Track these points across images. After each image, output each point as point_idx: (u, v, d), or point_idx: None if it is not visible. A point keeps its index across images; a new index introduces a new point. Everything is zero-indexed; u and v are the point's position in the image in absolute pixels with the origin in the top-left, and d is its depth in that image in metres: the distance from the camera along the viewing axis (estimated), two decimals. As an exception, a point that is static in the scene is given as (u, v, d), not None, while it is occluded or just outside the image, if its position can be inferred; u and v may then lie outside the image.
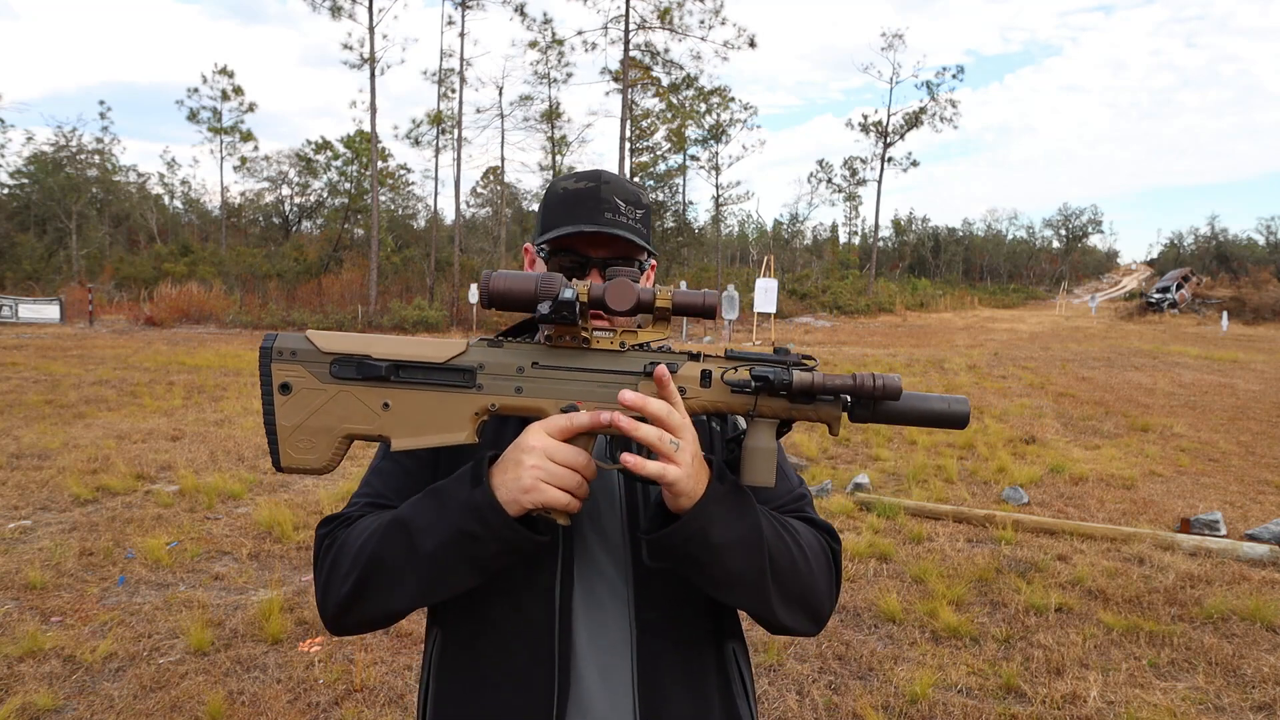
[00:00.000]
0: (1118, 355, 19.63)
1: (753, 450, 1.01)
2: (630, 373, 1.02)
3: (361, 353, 1.02)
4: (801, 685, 3.59)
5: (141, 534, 5.36)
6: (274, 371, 1.01)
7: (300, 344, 1.02)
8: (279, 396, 1.01)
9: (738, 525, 1.01)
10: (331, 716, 3.32)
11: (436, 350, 1.03)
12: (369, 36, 28.69)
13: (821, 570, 1.13)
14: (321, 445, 1.02)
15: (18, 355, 15.42)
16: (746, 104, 45.55)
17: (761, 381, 0.99)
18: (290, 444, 1.02)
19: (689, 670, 1.17)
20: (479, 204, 52.16)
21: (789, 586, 1.08)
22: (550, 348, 1.03)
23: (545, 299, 0.97)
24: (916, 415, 1.01)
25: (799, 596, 1.10)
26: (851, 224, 77.93)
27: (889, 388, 0.97)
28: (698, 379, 1.03)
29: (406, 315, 26.07)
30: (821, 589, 1.13)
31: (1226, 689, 3.60)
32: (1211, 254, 63.39)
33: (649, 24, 30.62)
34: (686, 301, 1.01)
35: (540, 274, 0.99)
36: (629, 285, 0.99)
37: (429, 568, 1.02)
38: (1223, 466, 8.00)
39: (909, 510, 6.15)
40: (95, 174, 42.60)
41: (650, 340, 1.05)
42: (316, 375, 1.02)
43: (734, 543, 1.00)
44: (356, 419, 1.02)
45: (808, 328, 30.08)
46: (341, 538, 1.12)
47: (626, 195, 1.24)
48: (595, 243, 1.22)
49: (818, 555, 1.13)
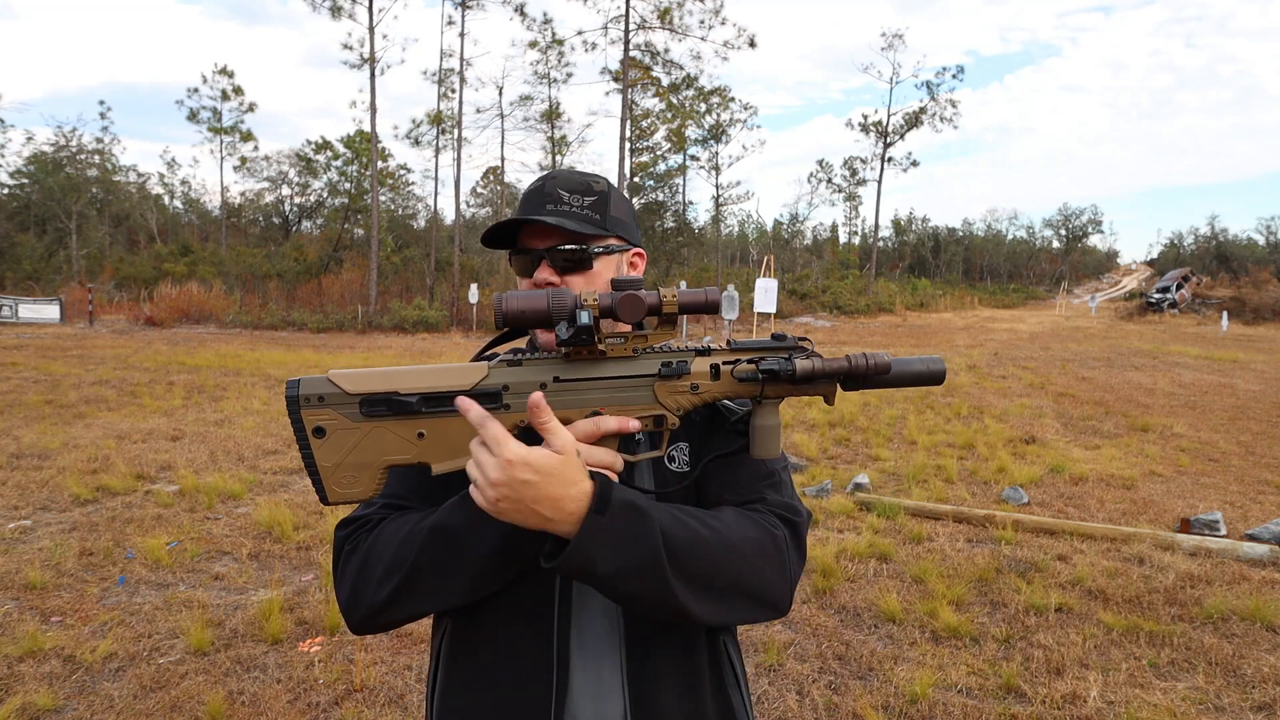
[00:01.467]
0: (1118, 355, 19.63)
1: (761, 428, 1.10)
2: (645, 375, 1.09)
3: (388, 390, 1.04)
4: (801, 685, 3.59)
5: (141, 534, 5.36)
6: (305, 418, 1.04)
7: (326, 388, 1.04)
8: (314, 440, 1.05)
9: (625, 552, 1.00)
10: (331, 716, 3.32)
11: (461, 378, 1.06)
12: (369, 36, 28.71)
13: (760, 556, 1.11)
14: (364, 478, 1.06)
15: (18, 355, 15.42)
16: (746, 104, 45.60)
17: (768, 374, 1.07)
18: (334, 480, 1.06)
19: (681, 661, 1.20)
20: (479, 204, 52.18)
21: (714, 586, 1.07)
22: (568, 361, 1.08)
23: (559, 316, 1.02)
24: (901, 378, 1.11)
25: (732, 590, 1.09)
26: (851, 224, 77.98)
27: (879, 365, 1.07)
28: (708, 373, 1.10)
29: (406, 315, 26.05)
30: (765, 575, 1.11)
31: (1226, 689, 3.59)
32: (1211, 254, 63.41)
33: (649, 24, 30.64)
34: (691, 300, 1.07)
35: (550, 291, 1.03)
36: (638, 299, 1.04)
37: (477, 571, 1.08)
38: (1223, 466, 8.00)
39: (909, 510, 6.15)
40: (95, 174, 42.61)
41: (659, 343, 1.11)
42: (348, 416, 1.05)
43: (623, 570, 1.00)
44: (394, 450, 1.06)
45: (808, 328, 30.08)
46: (368, 543, 1.15)
47: (572, 186, 1.27)
48: (538, 233, 1.27)
49: (754, 542, 1.11)
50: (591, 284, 1.26)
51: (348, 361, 16.09)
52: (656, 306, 1.05)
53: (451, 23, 40.25)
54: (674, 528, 1.05)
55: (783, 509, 1.19)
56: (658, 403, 1.09)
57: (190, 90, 40.40)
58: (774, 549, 1.13)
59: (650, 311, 1.05)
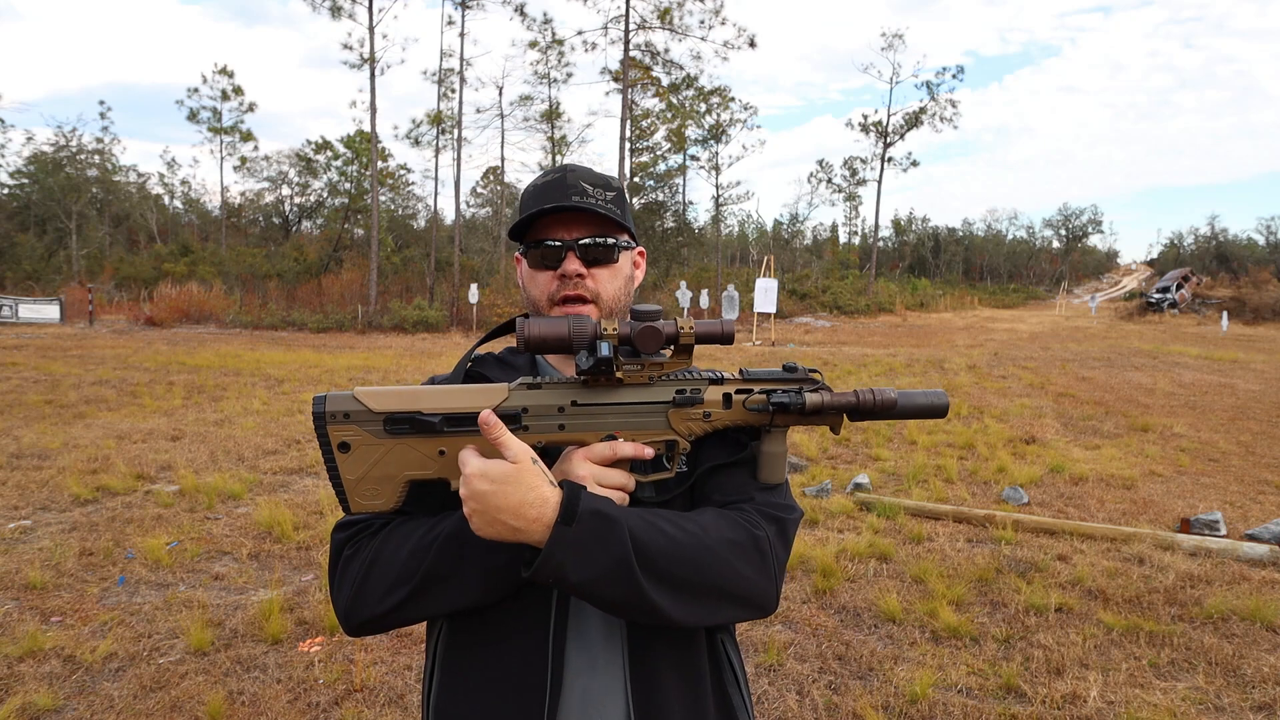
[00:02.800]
0: (1118, 355, 19.63)
1: (768, 455, 1.16)
2: (660, 402, 1.14)
3: (412, 410, 1.09)
4: (801, 685, 3.59)
5: (141, 534, 5.35)
6: (331, 433, 1.09)
7: (351, 405, 1.09)
8: (339, 455, 1.09)
9: (596, 560, 1.02)
10: (331, 716, 3.32)
11: (483, 399, 1.10)
12: (369, 36, 28.70)
13: (738, 556, 1.11)
14: (385, 491, 1.11)
15: (18, 355, 15.42)
16: (746, 104, 45.47)
17: (778, 406, 1.12)
18: (357, 493, 1.11)
19: (681, 662, 1.20)
20: (479, 204, 52.20)
21: (690, 588, 1.08)
22: (586, 386, 1.12)
23: (580, 344, 1.07)
24: (906, 412, 1.16)
25: (710, 591, 1.09)
26: (851, 224, 77.97)
27: (886, 402, 1.12)
28: (720, 402, 1.15)
29: (407, 315, 26.05)
30: (743, 575, 1.11)
31: (1226, 689, 3.59)
32: (1211, 254, 63.37)
33: (649, 24, 30.63)
34: (707, 331, 1.11)
35: (570, 318, 1.08)
36: (656, 330, 1.08)
37: (489, 580, 1.11)
38: (1223, 466, 8.00)
39: (909, 510, 6.14)
40: (95, 174, 42.60)
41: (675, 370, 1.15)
42: (372, 433, 1.09)
43: (595, 578, 1.02)
44: (415, 466, 1.10)
45: (808, 328, 30.07)
46: (372, 549, 1.15)
47: (594, 180, 1.27)
48: (564, 223, 1.26)
49: (731, 543, 1.11)
50: (615, 277, 1.28)
51: (348, 362, 16.09)
52: (674, 336, 1.09)
53: (451, 23, 40.25)
54: (645, 532, 1.05)
55: (770, 507, 1.18)
56: (671, 429, 1.14)
57: (190, 90, 40.44)
58: (754, 549, 1.13)
59: (667, 342, 1.09)
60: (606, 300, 1.27)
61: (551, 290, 1.26)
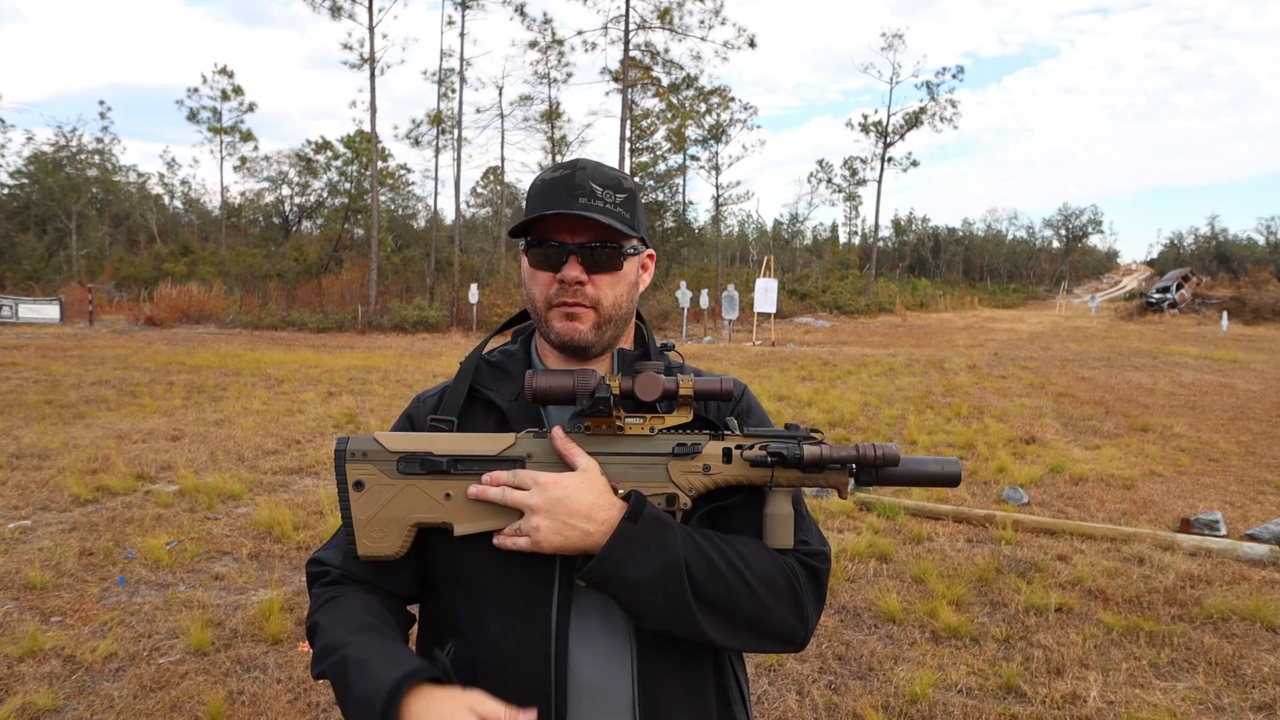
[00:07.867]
0: (1118, 355, 19.63)
1: (772, 516, 1.16)
2: (660, 454, 1.15)
3: (424, 450, 1.14)
4: (801, 685, 3.59)
5: (141, 534, 5.35)
6: (348, 471, 1.14)
7: (370, 445, 1.15)
8: (354, 493, 1.14)
9: (653, 560, 1.06)
10: (331, 716, 3.32)
11: (491, 444, 1.15)
12: (369, 36, 28.70)
13: (775, 595, 1.14)
14: (392, 534, 1.15)
15: (18, 355, 15.42)
16: (746, 104, 45.48)
17: (776, 457, 1.12)
18: (365, 534, 1.15)
19: (687, 681, 1.19)
20: (479, 204, 52.16)
21: (730, 614, 1.12)
22: (588, 435, 1.15)
23: (583, 395, 1.10)
24: (913, 477, 1.15)
25: (748, 623, 1.13)
26: (851, 224, 77.95)
27: (888, 456, 1.11)
28: (720, 456, 1.15)
29: (407, 315, 26.04)
30: (777, 613, 1.14)
31: (1226, 689, 3.59)
32: (1211, 254, 63.38)
33: (649, 24, 30.62)
34: (707, 388, 1.13)
35: (576, 370, 1.11)
36: (656, 379, 1.11)
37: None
38: (1223, 466, 8.00)
39: (909, 510, 6.15)
40: (95, 174, 42.58)
41: (675, 424, 1.17)
42: (385, 472, 1.14)
43: (650, 578, 1.06)
44: (422, 509, 1.14)
45: (807, 328, 30.08)
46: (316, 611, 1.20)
47: (604, 180, 1.20)
48: (570, 228, 1.20)
49: (772, 580, 1.14)
50: (618, 284, 1.23)
51: (348, 362, 16.07)
52: (674, 390, 1.12)
53: (451, 23, 40.22)
54: (691, 547, 1.10)
55: (805, 554, 1.21)
56: (671, 481, 1.15)
57: (190, 90, 40.41)
58: (788, 589, 1.16)
59: (666, 395, 1.12)
60: (606, 307, 1.22)
61: (550, 294, 1.21)
